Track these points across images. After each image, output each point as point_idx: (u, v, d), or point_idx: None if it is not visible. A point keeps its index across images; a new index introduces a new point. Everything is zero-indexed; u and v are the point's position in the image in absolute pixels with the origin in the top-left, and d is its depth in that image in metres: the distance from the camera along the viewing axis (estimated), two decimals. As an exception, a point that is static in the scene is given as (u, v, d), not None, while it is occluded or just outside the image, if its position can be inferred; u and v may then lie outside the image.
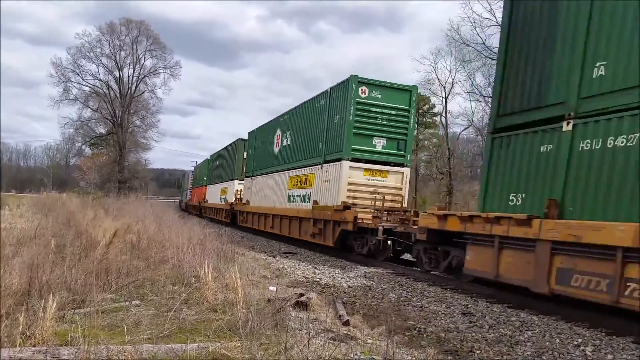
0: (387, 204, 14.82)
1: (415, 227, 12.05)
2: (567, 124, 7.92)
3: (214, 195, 38.03)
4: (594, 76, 7.59)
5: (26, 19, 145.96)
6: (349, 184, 15.29)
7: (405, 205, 15.69)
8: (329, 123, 16.76)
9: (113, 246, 7.97)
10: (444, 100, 46.12)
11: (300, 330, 5.49)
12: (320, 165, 17.07)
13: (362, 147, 15.45)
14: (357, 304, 8.39)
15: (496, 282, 9.03)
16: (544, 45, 8.56)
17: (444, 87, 46.00)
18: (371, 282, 10.74)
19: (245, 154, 29.08)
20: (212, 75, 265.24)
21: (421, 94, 51.86)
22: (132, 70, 59.01)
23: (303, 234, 18.00)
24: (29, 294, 5.37)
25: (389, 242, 13.80)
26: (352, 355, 4.82)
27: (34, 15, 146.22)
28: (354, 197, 15.25)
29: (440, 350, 5.87)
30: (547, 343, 6.42)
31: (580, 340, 6.55)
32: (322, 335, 5.57)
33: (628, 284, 6.49)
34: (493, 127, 9.43)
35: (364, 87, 15.31)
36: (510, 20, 9.34)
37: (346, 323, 6.33)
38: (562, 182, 7.86)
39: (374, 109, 15.46)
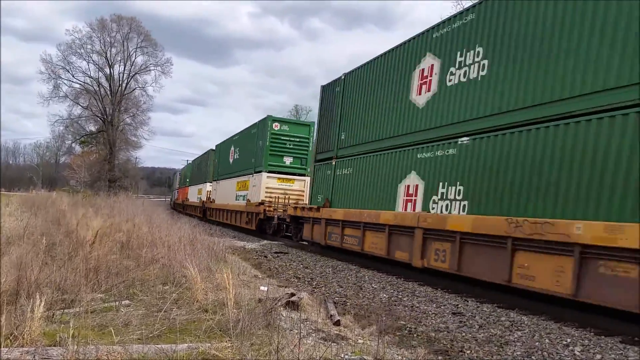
0: (292, 202, 21.56)
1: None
2: (334, 161, 16.15)
3: (193, 195, 45.35)
4: (342, 139, 15.84)
5: (16, 14, 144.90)
6: (267, 188, 22.62)
7: (306, 202, 21.14)
8: (256, 145, 24.37)
9: (100, 245, 7.92)
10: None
11: (291, 330, 5.48)
12: (252, 174, 24.51)
13: (276, 163, 22.99)
14: (348, 303, 8.40)
15: (313, 241, 17.25)
16: (331, 121, 16.81)
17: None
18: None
19: (214, 161, 36.42)
20: (204, 73, 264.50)
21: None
22: (123, 67, 58.59)
23: (242, 223, 25.46)
24: (17, 294, 5.33)
25: (283, 225, 21.24)
26: (343, 356, 4.82)
27: (24, 11, 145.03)
28: (270, 197, 22.28)
29: (430, 350, 5.88)
30: (537, 343, 6.46)
31: (569, 340, 6.60)
32: (313, 335, 5.56)
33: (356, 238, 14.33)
34: (314, 159, 18.71)
35: (276, 123, 23.15)
36: (321, 101, 17.85)
37: (337, 323, 6.34)
38: (331, 189, 16.05)
39: (284, 137, 23.21)
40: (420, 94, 11.81)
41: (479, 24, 10.10)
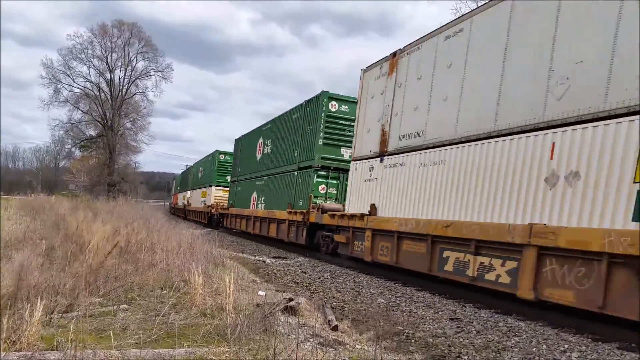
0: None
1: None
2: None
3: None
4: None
5: (16, 19, 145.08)
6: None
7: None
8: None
9: (100, 249, 7.93)
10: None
11: (289, 335, 5.49)
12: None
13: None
14: (346, 308, 8.40)
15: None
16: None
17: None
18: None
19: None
20: (204, 79, 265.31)
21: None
22: (124, 72, 58.82)
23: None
24: (15, 298, 5.33)
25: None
26: (340, 361, 4.83)
27: (24, 15, 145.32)
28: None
29: (427, 355, 5.90)
30: (534, 349, 6.47)
31: (566, 346, 6.61)
32: (311, 340, 5.57)
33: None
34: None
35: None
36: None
37: (335, 328, 6.35)
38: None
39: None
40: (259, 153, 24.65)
41: (271, 128, 23.32)
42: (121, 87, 58.88)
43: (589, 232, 7.07)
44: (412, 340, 6.60)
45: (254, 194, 24.53)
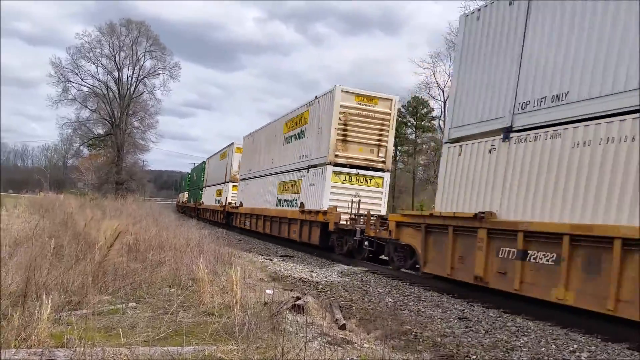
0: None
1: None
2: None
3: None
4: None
5: (23, 18, 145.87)
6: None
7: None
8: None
9: (112, 249, 7.95)
10: (442, 104, 46.20)
11: (296, 334, 5.49)
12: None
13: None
14: (353, 308, 8.39)
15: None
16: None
17: (443, 91, 46.07)
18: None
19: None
20: (209, 77, 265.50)
21: (419, 97, 52.12)
22: (132, 71, 58.93)
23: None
24: (25, 295, 5.36)
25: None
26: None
27: (31, 15, 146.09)
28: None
29: (436, 355, 5.88)
30: (543, 349, 6.43)
31: (575, 346, 6.57)
32: (319, 339, 5.57)
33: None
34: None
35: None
36: None
37: (342, 327, 6.34)
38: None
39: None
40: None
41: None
42: (129, 85, 59.09)
43: None
44: (420, 340, 6.58)
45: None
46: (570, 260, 7.67)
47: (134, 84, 59.38)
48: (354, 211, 15.37)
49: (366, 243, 14.28)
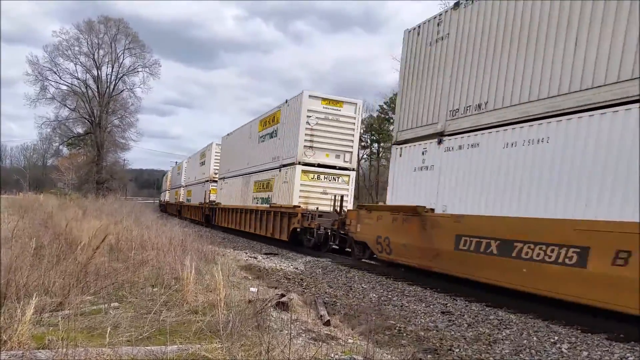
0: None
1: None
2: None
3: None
4: None
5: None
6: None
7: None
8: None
9: (89, 247, 7.87)
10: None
11: (281, 330, 5.50)
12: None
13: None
14: (338, 303, 8.42)
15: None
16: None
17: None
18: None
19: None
20: (190, 75, 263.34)
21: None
22: (111, 68, 58.19)
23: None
24: (5, 297, 5.29)
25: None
26: (333, 355, 4.85)
27: (6, 12, 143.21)
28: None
29: (419, 349, 5.93)
30: (525, 341, 6.53)
31: (556, 337, 6.68)
32: (304, 335, 5.58)
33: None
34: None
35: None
36: None
37: (327, 323, 6.36)
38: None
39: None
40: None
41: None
42: (108, 83, 58.36)
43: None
44: (404, 334, 6.64)
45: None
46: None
47: (114, 82, 58.73)
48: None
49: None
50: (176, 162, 61.23)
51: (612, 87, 7.16)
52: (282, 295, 7.28)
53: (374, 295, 9.45)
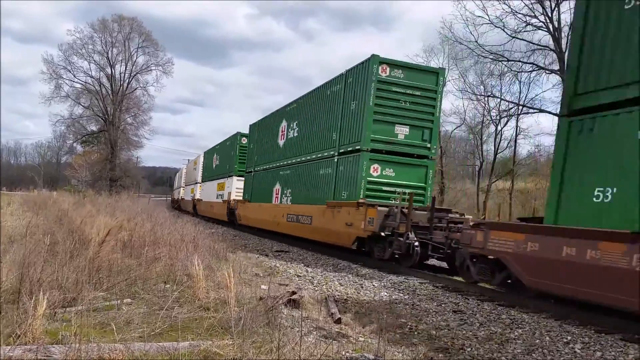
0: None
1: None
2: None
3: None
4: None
5: (14, 16, 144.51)
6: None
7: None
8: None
9: (106, 244, 7.94)
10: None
11: (292, 328, 5.51)
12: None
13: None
14: (348, 302, 8.41)
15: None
16: None
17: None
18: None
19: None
20: (202, 74, 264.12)
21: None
22: (124, 67, 58.71)
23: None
24: (19, 292, 5.35)
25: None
26: (343, 353, 4.84)
27: (22, 12, 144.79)
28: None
29: (431, 347, 5.90)
30: (537, 341, 6.47)
31: (569, 337, 6.61)
32: (314, 333, 5.59)
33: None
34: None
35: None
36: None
37: (338, 321, 6.36)
38: None
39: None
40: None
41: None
42: (122, 82, 58.86)
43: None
44: (416, 333, 6.61)
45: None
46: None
47: (127, 81, 59.21)
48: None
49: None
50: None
51: None
52: (293, 293, 7.30)
53: (385, 293, 9.42)
